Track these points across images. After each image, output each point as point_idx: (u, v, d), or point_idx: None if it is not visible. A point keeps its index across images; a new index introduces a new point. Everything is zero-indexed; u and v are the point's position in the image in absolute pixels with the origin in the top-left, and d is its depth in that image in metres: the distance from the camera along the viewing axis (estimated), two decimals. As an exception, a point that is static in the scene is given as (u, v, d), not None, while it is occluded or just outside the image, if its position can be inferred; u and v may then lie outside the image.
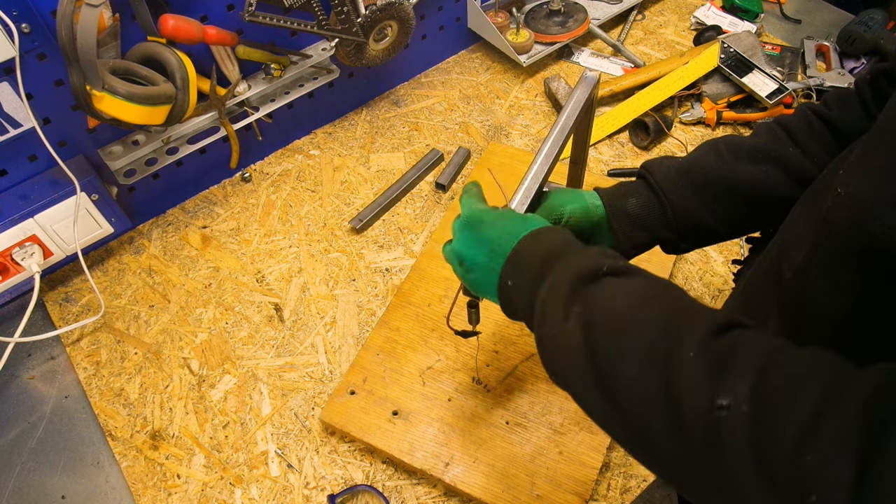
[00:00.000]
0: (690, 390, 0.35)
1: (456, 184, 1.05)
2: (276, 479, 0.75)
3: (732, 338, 0.37)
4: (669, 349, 0.37)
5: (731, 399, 0.33)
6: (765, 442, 0.31)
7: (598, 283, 0.44)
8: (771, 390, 0.32)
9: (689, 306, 0.41)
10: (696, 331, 0.37)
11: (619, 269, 0.45)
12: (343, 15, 0.93)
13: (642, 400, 0.37)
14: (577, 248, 0.48)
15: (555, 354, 0.45)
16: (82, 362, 0.87)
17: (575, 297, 0.43)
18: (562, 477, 0.71)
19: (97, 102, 0.76)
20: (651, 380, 0.37)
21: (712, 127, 1.11)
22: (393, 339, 0.83)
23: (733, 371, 0.34)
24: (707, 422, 0.33)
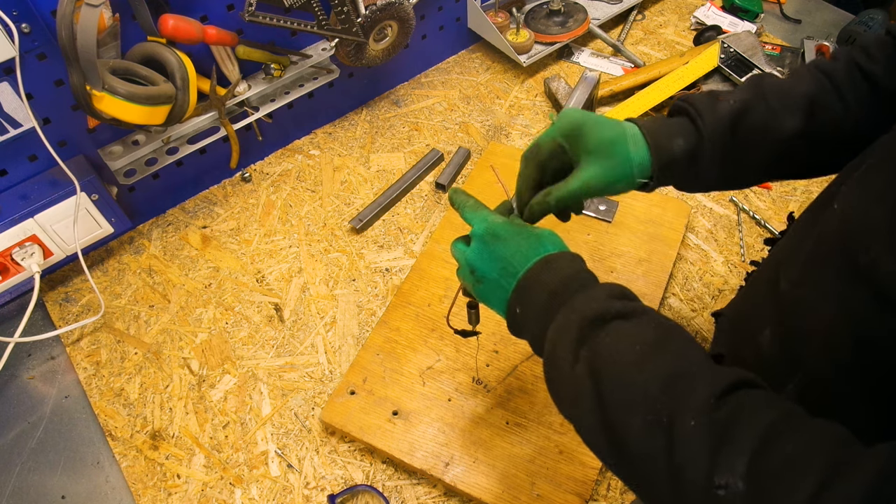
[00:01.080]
0: (691, 463, 0.35)
1: (456, 184, 1.05)
2: (276, 479, 0.75)
3: (734, 404, 0.36)
4: (672, 413, 0.37)
5: (728, 478, 0.33)
6: None
7: (605, 328, 0.44)
8: (768, 471, 0.32)
9: (693, 360, 0.41)
10: (700, 394, 0.37)
11: (628, 311, 0.45)
12: (343, 15, 0.93)
13: (647, 458, 0.38)
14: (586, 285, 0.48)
15: (564, 396, 0.46)
16: (82, 362, 0.87)
17: (583, 342, 0.44)
18: (562, 477, 0.71)
19: (97, 102, 0.76)
20: (655, 442, 0.38)
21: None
22: (393, 339, 0.83)
23: (732, 446, 0.34)
24: (706, 496, 0.34)
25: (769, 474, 0.32)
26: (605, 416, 0.41)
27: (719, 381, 0.37)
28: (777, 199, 1.00)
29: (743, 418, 0.35)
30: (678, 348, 0.42)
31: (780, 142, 0.54)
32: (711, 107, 0.54)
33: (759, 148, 0.54)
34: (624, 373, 0.41)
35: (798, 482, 0.31)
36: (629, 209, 0.95)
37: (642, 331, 0.43)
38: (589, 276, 0.49)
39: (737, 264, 0.92)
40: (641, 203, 0.96)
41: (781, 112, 0.54)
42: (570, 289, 0.47)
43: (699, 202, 1.00)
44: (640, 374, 0.40)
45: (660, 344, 0.42)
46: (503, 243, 0.52)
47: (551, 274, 0.49)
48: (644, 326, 0.44)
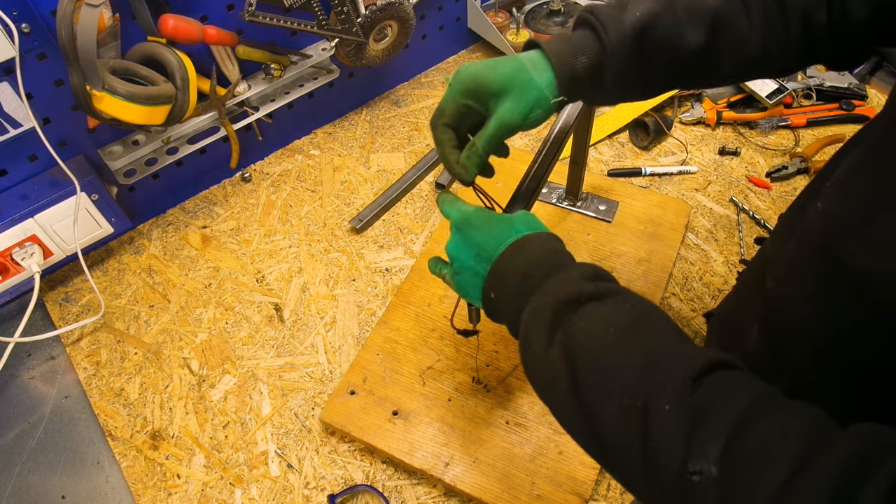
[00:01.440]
0: (665, 448, 0.35)
1: (456, 183, 1.05)
2: (276, 479, 0.75)
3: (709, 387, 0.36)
4: (647, 398, 0.37)
5: (702, 464, 0.33)
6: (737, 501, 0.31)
7: (579, 310, 0.43)
8: (742, 455, 0.32)
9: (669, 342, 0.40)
10: (674, 377, 0.37)
11: (602, 293, 0.44)
12: (343, 15, 0.93)
13: (622, 441, 0.38)
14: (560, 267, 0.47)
15: (540, 379, 0.46)
16: (82, 362, 0.87)
17: (557, 325, 0.43)
18: (562, 477, 0.71)
19: (97, 102, 0.76)
20: (630, 425, 0.37)
21: (712, 127, 1.11)
22: (393, 339, 0.83)
23: (706, 430, 0.34)
24: (680, 482, 0.34)
25: (742, 459, 0.32)
26: (580, 400, 0.41)
27: (695, 363, 0.37)
28: (777, 199, 1.00)
29: (718, 401, 0.35)
30: (654, 330, 0.41)
31: (685, 56, 0.52)
32: (617, 18, 0.52)
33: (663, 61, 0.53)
34: (599, 356, 0.41)
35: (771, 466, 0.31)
36: (629, 209, 0.95)
37: (617, 312, 0.42)
38: (562, 257, 0.48)
39: (736, 264, 0.92)
40: (641, 203, 0.96)
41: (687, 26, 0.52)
42: (542, 271, 0.47)
43: (699, 202, 1.00)
44: (615, 358, 0.40)
45: (635, 326, 0.41)
46: (476, 230, 0.52)
47: (523, 257, 0.48)
48: (619, 308, 0.43)
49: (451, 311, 0.83)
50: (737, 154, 1.06)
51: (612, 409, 0.39)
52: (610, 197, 0.97)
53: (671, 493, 0.35)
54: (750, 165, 1.05)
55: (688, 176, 1.04)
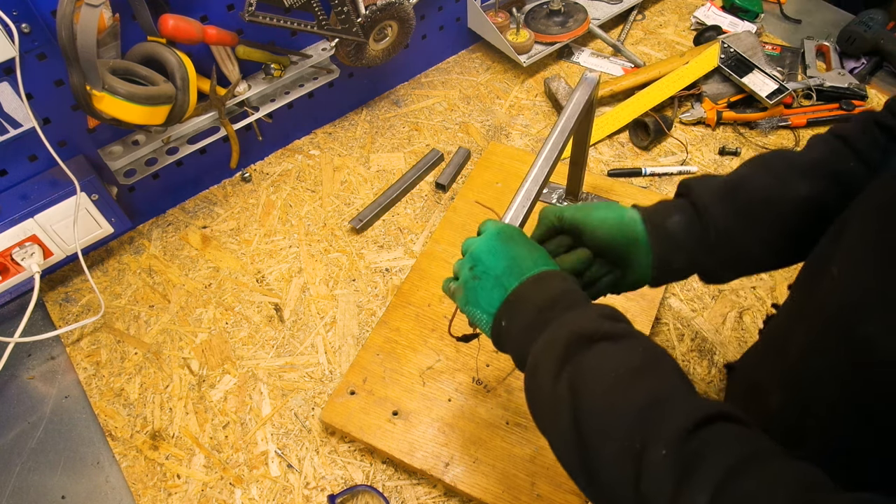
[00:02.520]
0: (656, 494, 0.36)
1: (456, 184, 1.05)
2: (276, 479, 0.75)
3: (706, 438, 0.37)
4: (645, 442, 0.38)
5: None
6: None
7: (592, 348, 0.44)
8: None
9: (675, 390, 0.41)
10: (674, 424, 0.38)
11: (617, 334, 0.44)
12: (343, 15, 0.93)
13: (615, 482, 0.39)
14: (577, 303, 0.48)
15: (542, 410, 0.46)
16: (82, 362, 0.87)
17: (568, 360, 0.44)
18: (562, 477, 0.71)
19: (97, 102, 0.76)
20: (625, 468, 0.38)
21: (712, 127, 1.11)
22: (393, 339, 0.83)
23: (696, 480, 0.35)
24: None
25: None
26: (580, 437, 0.41)
27: (696, 413, 0.38)
28: (777, 200, 1.00)
29: (711, 452, 0.36)
30: (661, 376, 0.42)
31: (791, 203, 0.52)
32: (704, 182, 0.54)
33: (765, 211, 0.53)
34: (604, 397, 0.41)
35: None
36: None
37: (628, 355, 0.43)
38: (579, 296, 0.49)
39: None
40: (641, 203, 0.96)
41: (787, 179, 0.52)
42: (559, 306, 0.47)
43: (699, 202, 1.00)
44: (620, 399, 0.41)
45: (644, 370, 0.42)
46: (517, 245, 0.52)
47: (543, 291, 0.49)
48: (631, 350, 0.44)
49: (450, 310, 0.83)
50: (737, 154, 1.06)
51: (610, 450, 0.39)
52: (610, 197, 0.97)
53: None
54: (750, 165, 1.05)
55: (688, 176, 1.04)
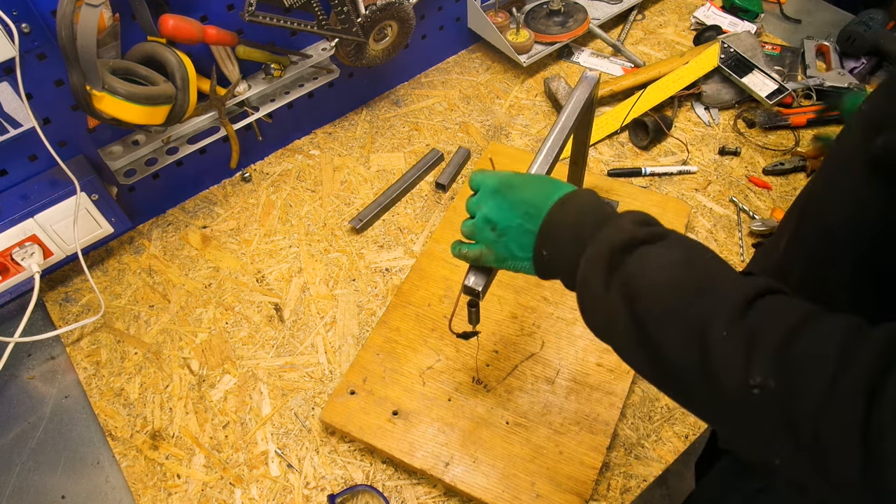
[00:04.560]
0: (726, 369, 0.39)
1: (456, 184, 1.05)
2: (276, 479, 0.75)
3: (759, 310, 0.39)
4: (704, 327, 0.40)
5: (760, 378, 0.37)
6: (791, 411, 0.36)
7: (633, 253, 0.46)
8: (794, 366, 0.36)
9: (719, 274, 0.44)
10: (727, 306, 0.40)
11: (654, 235, 0.47)
12: (343, 15, 0.93)
13: (684, 368, 0.42)
14: (609, 217, 0.49)
15: (599, 320, 0.49)
16: (82, 362, 0.87)
17: (614, 269, 0.46)
18: (562, 477, 0.71)
19: (97, 102, 0.76)
20: (691, 353, 0.41)
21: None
22: (393, 339, 0.83)
23: (760, 348, 0.38)
24: (743, 396, 0.38)
25: (795, 369, 0.36)
26: (641, 334, 0.44)
27: (746, 290, 0.40)
28: (777, 199, 1.00)
29: (768, 322, 0.38)
30: (704, 264, 0.44)
31: None
32: None
33: None
34: (656, 292, 0.44)
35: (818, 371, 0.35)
36: (629, 209, 0.95)
37: (669, 252, 0.45)
38: (608, 208, 0.51)
39: (737, 264, 0.92)
40: (641, 203, 0.96)
41: None
42: (593, 222, 0.49)
43: (699, 202, 1.00)
44: (672, 292, 0.43)
45: (687, 262, 0.44)
46: (521, 189, 0.54)
47: (574, 211, 0.50)
48: (671, 248, 0.46)
49: (450, 310, 0.83)
50: (737, 154, 1.06)
51: (672, 338, 0.42)
52: (610, 197, 0.97)
53: (736, 408, 0.39)
54: (750, 165, 1.05)
55: (688, 176, 1.04)
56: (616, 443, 0.76)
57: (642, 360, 0.45)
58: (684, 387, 0.43)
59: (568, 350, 0.81)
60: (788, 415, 0.36)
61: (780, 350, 0.37)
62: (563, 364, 0.80)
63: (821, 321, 0.38)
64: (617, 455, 0.75)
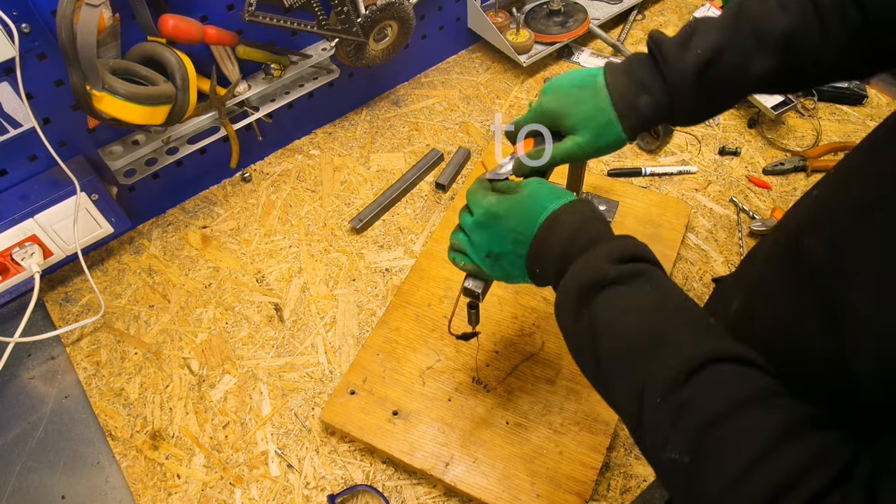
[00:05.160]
0: (652, 433, 0.42)
1: (456, 184, 1.05)
2: (276, 479, 0.75)
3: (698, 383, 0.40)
4: (644, 389, 0.42)
5: (676, 452, 0.39)
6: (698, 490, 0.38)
7: (602, 293, 0.47)
8: (708, 450, 0.38)
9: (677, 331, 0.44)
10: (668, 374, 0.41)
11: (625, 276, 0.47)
12: (343, 15, 0.93)
13: (624, 414, 0.46)
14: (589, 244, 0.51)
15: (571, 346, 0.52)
16: (82, 362, 0.87)
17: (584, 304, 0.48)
18: (562, 477, 0.71)
19: (97, 102, 0.76)
20: (630, 407, 0.44)
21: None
22: (393, 339, 0.83)
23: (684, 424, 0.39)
24: (662, 461, 0.41)
25: (707, 453, 0.38)
26: (599, 373, 0.47)
27: (689, 361, 0.41)
28: (777, 199, 1.00)
29: (702, 398, 0.40)
30: (668, 317, 0.45)
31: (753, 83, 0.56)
32: (678, 58, 0.55)
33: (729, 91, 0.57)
34: (613, 339, 0.46)
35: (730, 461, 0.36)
36: (629, 209, 0.95)
37: (636, 297, 0.46)
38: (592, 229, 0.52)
39: (737, 264, 0.92)
40: (641, 203, 0.96)
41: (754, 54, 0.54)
42: (576, 248, 0.51)
43: (699, 202, 1.00)
44: (625, 344, 0.45)
45: (651, 312, 0.45)
46: (506, 219, 0.56)
47: (557, 236, 0.52)
48: (638, 293, 0.47)
49: (450, 310, 0.83)
50: (737, 154, 1.06)
51: (621, 387, 0.45)
52: (610, 197, 0.97)
53: (657, 468, 0.43)
54: (750, 165, 1.05)
55: (688, 176, 1.04)
56: (616, 443, 0.76)
57: (598, 388, 0.49)
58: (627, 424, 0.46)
59: (568, 350, 0.81)
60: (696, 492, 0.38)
61: (701, 431, 0.38)
62: (563, 364, 0.80)
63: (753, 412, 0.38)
64: (617, 455, 0.75)
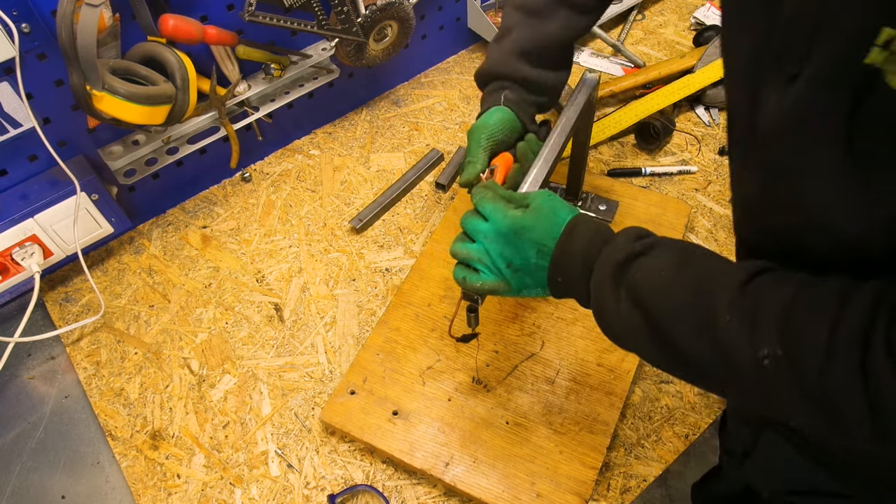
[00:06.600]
0: (735, 349, 0.43)
1: (456, 184, 1.05)
2: (276, 479, 0.75)
3: (755, 291, 0.44)
4: (710, 316, 0.45)
5: (768, 349, 0.41)
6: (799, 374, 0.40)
7: (632, 266, 0.51)
8: (794, 332, 0.40)
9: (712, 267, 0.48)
10: (725, 292, 0.44)
11: (645, 248, 0.52)
12: (343, 15, 0.93)
13: (700, 356, 0.46)
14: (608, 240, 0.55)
15: (619, 331, 0.54)
16: (82, 362, 0.87)
17: (619, 284, 0.52)
18: (562, 477, 0.71)
19: (97, 102, 0.76)
20: (704, 343, 0.45)
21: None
22: (393, 339, 0.83)
23: (763, 325, 0.42)
24: (756, 369, 0.42)
25: (795, 337, 0.40)
26: (657, 335, 0.49)
27: (739, 276, 0.45)
28: (777, 200, 1.00)
29: (764, 300, 0.43)
30: (697, 262, 0.49)
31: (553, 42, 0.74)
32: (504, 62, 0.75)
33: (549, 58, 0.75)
34: (661, 295, 0.49)
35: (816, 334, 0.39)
36: (629, 209, 0.95)
37: (663, 259, 0.51)
38: (606, 231, 0.56)
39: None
40: (641, 203, 0.96)
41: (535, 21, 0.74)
42: (596, 246, 0.55)
43: (699, 202, 1.00)
44: (674, 292, 0.48)
45: (681, 263, 0.49)
46: (531, 231, 0.58)
47: (579, 240, 0.56)
48: (663, 255, 0.51)
49: (450, 310, 0.84)
50: (737, 154, 1.06)
51: (685, 332, 0.47)
52: (610, 197, 0.97)
53: (753, 381, 0.44)
54: (750, 165, 1.05)
55: (688, 176, 1.04)
56: (616, 443, 0.76)
57: (663, 357, 0.50)
58: (705, 372, 0.48)
59: (568, 350, 0.81)
60: (798, 378, 0.40)
61: (780, 322, 0.41)
62: (563, 364, 0.80)
63: (812, 289, 0.41)
64: (617, 455, 0.75)
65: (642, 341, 0.51)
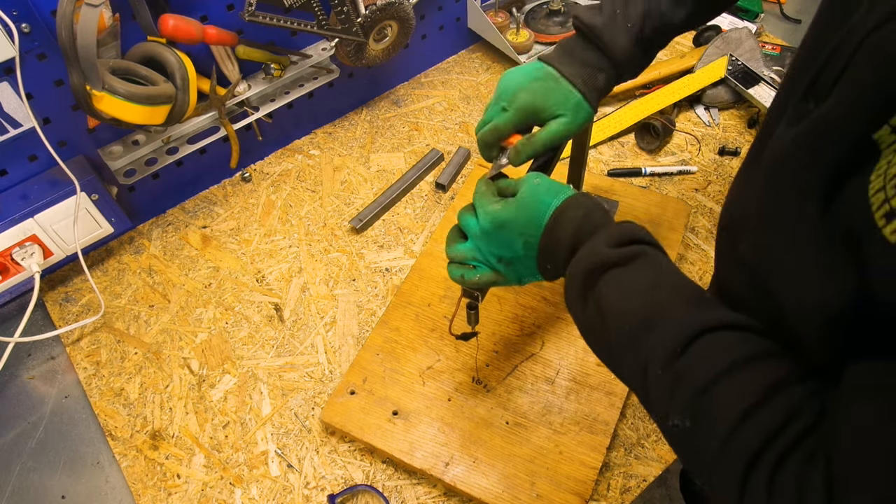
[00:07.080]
0: (656, 403, 0.46)
1: (456, 184, 1.05)
2: (276, 479, 0.75)
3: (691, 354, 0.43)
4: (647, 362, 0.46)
5: (679, 419, 0.43)
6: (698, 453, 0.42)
7: (603, 276, 0.51)
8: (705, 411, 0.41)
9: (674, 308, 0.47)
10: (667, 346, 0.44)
11: (624, 258, 0.50)
12: (343, 15, 0.93)
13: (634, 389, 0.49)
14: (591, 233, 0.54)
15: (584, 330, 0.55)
16: (82, 362, 0.87)
17: (588, 289, 0.52)
18: (562, 477, 0.71)
19: (97, 102, 0.76)
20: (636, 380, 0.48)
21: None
22: (393, 339, 0.83)
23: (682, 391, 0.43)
24: (667, 429, 0.45)
25: (705, 414, 0.41)
26: (610, 352, 0.51)
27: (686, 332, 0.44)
28: (777, 200, 1.00)
29: (694, 368, 0.43)
30: (666, 294, 0.48)
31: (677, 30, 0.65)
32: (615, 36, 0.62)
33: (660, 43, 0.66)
34: (618, 317, 0.49)
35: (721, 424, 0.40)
36: (629, 209, 0.95)
37: (636, 278, 0.50)
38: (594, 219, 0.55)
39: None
40: (641, 203, 0.96)
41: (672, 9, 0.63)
42: (580, 238, 0.54)
43: (699, 202, 1.00)
44: (628, 321, 0.48)
45: (650, 290, 0.48)
46: (513, 223, 0.57)
47: (563, 230, 0.55)
48: (638, 273, 0.50)
49: (450, 310, 0.84)
50: (737, 154, 1.06)
51: (628, 364, 0.49)
52: (610, 197, 0.97)
53: (666, 436, 0.47)
54: (750, 165, 1.05)
55: (688, 176, 1.04)
56: (616, 443, 0.76)
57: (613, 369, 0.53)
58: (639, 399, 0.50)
59: (568, 350, 0.81)
60: (697, 455, 0.43)
61: (695, 397, 0.42)
62: (563, 364, 0.80)
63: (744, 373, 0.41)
64: (617, 455, 0.75)
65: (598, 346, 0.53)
